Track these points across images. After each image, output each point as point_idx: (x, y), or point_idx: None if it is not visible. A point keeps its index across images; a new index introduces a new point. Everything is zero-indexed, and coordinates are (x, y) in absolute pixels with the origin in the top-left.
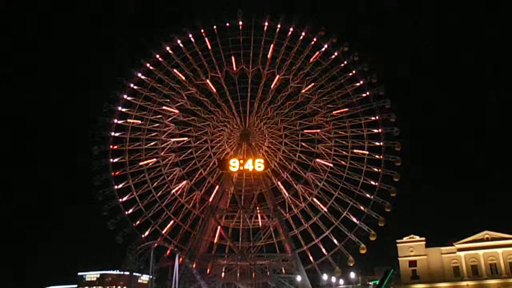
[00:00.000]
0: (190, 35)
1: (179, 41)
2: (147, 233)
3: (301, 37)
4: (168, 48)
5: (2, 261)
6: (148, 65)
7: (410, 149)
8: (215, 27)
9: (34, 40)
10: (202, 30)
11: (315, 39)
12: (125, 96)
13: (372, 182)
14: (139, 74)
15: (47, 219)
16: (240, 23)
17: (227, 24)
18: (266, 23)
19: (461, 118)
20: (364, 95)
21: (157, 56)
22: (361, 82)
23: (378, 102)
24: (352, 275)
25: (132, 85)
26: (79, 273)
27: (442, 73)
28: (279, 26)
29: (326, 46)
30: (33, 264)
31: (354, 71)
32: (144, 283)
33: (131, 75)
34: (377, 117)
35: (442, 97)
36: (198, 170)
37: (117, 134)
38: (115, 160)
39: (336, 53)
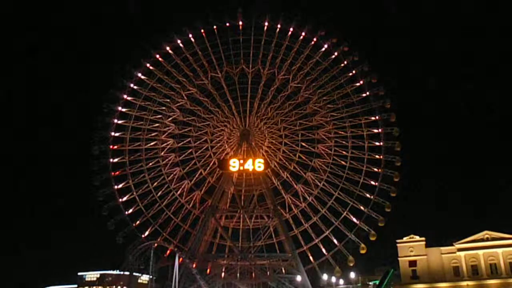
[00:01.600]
0: (190, 35)
1: (179, 41)
2: (147, 233)
3: (301, 37)
4: (168, 48)
5: (2, 261)
6: (148, 65)
7: (410, 149)
8: (215, 27)
9: (34, 40)
10: (202, 30)
11: (315, 39)
12: (125, 96)
13: (372, 182)
14: (139, 74)
15: (47, 218)
16: (240, 23)
17: (227, 24)
18: (266, 23)
19: (461, 117)
20: (364, 95)
21: (157, 56)
22: (361, 82)
23: (378, 102)
24: (352, 275)
25: (132, 85)
26: (79, 273)
27: (442, 72)
28: (279, 26)
29: (326, 46)
30: (33, 264)
31: (354, 71)
32: (144, 283)
33: (131, 75)
34: (377, 117)
35: (443, 97)
36: (198, 170)
37: (117, 134)
38: (115, 160)
39: (336, 53)
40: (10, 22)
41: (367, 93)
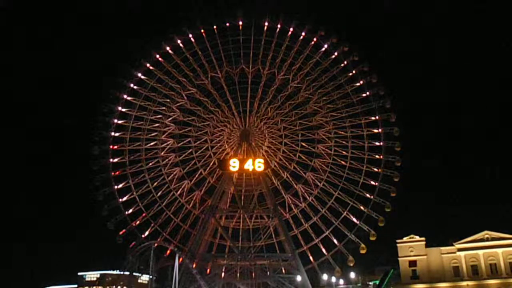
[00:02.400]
0: (190, 35)
1: (179, 41)
2: (147, 233)
3: (301, 37)
4: (168, 48)
5: (2, 261)
6: (148, 65)
7: (410, 149)
8: (215, 27)
9: (34, 40)
10: (202, 30)
11: (315, 39)
12: (125, 96)
13: (372, 182)
14: (139, 74)
15: (47, 219)
16: (240, 23)
17: (227, 24)
18: (266, 23)
19: (461, 118)
20: (364, 95)
21: (157, 56)
22: (361, 82)
23: (378, 102)
24: (352, 275)
25: (132, 85)
26: (79, 273)
27: (442, 72)
28: (279, 26)
29: (326, 46)
30: (33, 264)
31: (354, 71)
32: (144, 283)
33: (131, 75)
34: (377, 117)
35: (443, 97)
36: (198, 170)
37: (117, 134)
38: (115, 160)
39: (336, 53)
40: (9, 22)
41: (367, 93)
